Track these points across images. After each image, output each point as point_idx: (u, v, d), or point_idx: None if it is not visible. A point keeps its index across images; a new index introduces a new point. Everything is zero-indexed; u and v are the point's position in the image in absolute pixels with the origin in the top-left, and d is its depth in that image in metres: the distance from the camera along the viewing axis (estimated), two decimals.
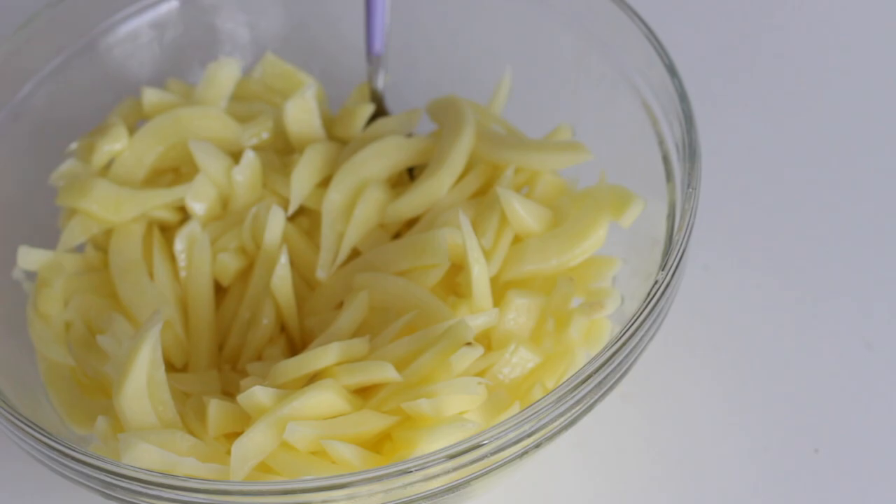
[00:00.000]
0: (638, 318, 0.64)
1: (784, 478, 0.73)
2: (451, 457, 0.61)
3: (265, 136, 0.79)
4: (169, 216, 0.77)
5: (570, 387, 0.63)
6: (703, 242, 0.80)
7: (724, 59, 0.90)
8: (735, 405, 0.76)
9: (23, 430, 0.64)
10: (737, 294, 0.80)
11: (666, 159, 0.72)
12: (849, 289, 0.80)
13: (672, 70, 0.72)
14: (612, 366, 0.64)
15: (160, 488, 0.62)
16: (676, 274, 0.66)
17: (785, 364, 0.77)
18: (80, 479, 0.64)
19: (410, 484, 0.62)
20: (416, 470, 0.61)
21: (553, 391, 0.62)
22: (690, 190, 0.68)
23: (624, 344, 0.64)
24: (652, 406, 0.76)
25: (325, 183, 0.77)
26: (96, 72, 0.82)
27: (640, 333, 0.64)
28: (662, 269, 0.66)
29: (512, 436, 0.62)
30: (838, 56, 0.91)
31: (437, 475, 0.61)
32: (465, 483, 0.63)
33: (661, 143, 0.73)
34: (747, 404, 0.76)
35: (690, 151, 0.69)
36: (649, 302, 0.65)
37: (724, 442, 0.75)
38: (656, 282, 0.65)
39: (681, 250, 0.66)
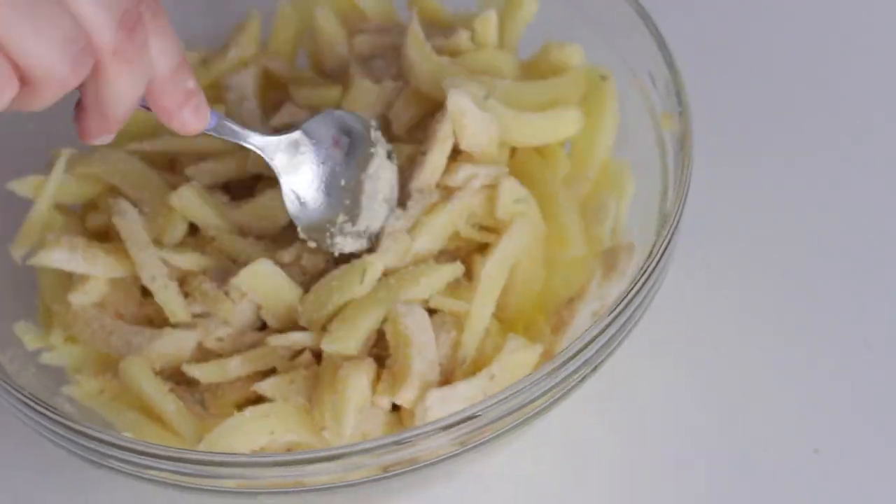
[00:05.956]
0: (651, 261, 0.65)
1: (784, 478, 0.73)
2: (446, 428, 0.61)
3: None
4: None
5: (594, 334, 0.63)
6: (703, 240, 0.80)
7: (725, 57, 0.91)
8: (735, 405, 0.76)
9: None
10: (737, 292, 0.80)
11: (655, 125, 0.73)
12: (849, 288, 0.80)
13: (662, 43, 0.72)
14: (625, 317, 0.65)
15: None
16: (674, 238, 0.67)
17: (785, 363, 0.77)
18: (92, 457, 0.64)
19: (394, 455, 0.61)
20: (407, 441, 0.61)
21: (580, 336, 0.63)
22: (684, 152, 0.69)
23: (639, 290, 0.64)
24: (651, 406, 0.76)
25: None
26: None
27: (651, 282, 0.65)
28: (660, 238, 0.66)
29: (509, 405, 0.61)
30: (842, 53, 0.91)
31: (432, 447, 0.61)
32: (462, 453, 0.62)
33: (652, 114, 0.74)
34: (747, 404, 0.76)
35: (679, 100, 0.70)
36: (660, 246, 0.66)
37: (724, 442, 0.74)
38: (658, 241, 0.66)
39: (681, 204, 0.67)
